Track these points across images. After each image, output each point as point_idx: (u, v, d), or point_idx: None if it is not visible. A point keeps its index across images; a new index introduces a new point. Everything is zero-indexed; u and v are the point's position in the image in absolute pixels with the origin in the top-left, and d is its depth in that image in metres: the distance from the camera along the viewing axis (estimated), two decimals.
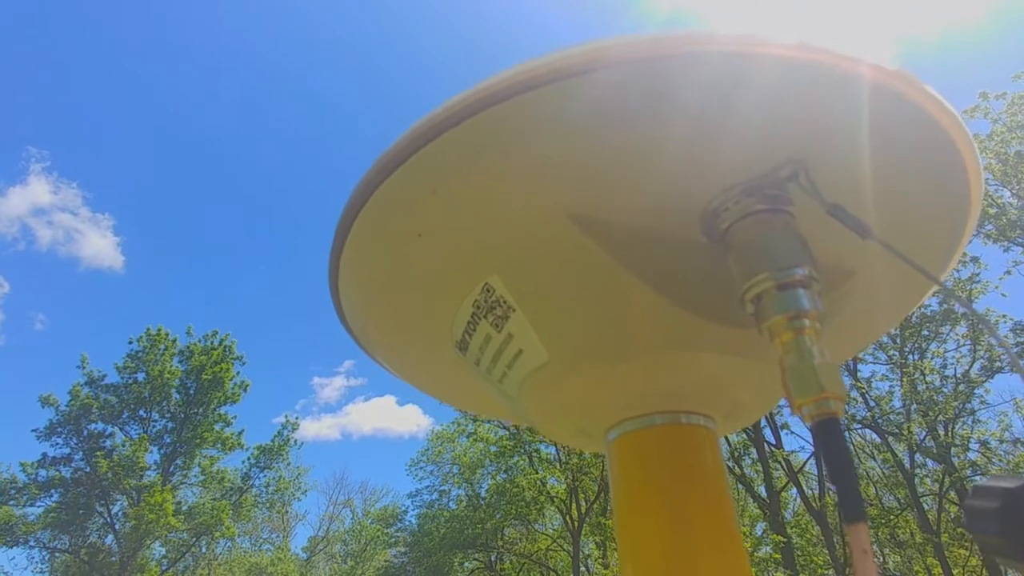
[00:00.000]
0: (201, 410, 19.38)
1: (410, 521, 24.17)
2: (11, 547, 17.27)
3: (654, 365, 0.60)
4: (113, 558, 17.58)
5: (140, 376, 19.22)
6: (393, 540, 25.48)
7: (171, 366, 19.44)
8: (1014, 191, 12.32)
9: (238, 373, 20.08)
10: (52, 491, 17.77)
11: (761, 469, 15.00)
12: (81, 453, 18.16)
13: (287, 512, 26.65)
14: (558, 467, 17.50)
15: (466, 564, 21.33)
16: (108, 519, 17.96)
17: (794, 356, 0.47)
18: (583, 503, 17.26)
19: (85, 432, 18.41)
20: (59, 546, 18.11)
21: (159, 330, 19.72)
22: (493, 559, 20.53)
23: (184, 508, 18.72)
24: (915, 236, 0.62)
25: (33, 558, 18.11)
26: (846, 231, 0.55)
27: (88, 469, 17.80)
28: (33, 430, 18.20)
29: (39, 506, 17.72)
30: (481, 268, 0.62)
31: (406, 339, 0.75)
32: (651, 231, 0.56)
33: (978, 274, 13.05)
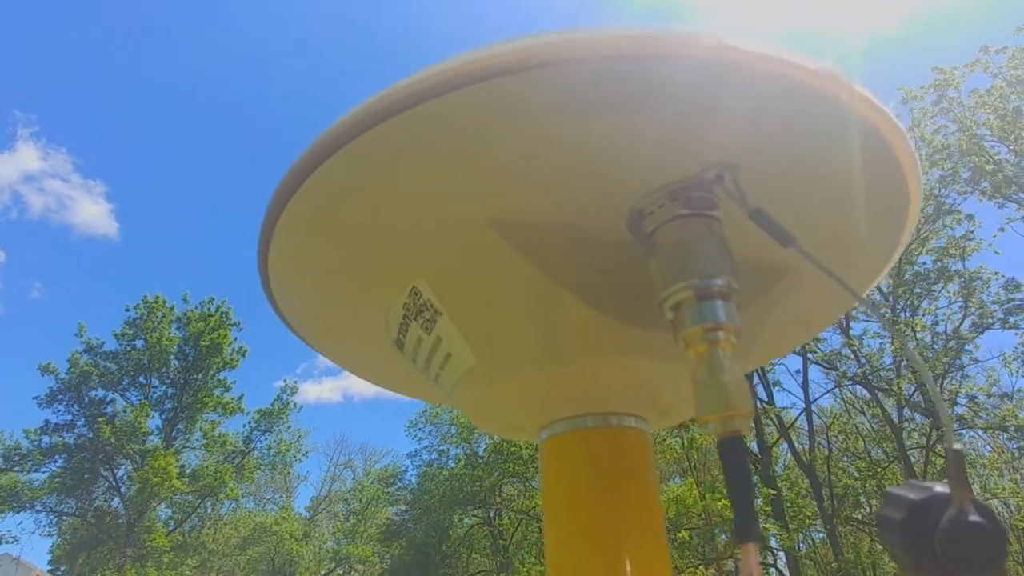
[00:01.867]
0: (200, 376, 19.55)
1: (410, 480, 24.73)
2: (18, 512, 17.70)
3: (583, 370, 0.60)
4: (120, 520, 17.99)
5: (139, 343, 19.33)
6: (394, 499, 26.09)
7: (169, 333, 19.51)
8: (1011, 147, 12.23)
9: (236, 339, 20.19)
10: (56, 457, 18.07)
11: (753, 425, 15.30)
12: (83, 419, 18.40)
13: (289, 473, 27.16)
14: None
15: (465, 520, 21.91)
16: (113, 483, 18.32)
17: (705, 370, 0.46)
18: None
19: (86, 399, 18.61)
20: (66, 510, 18.53)
21: (156, 297, 19.72)
22: (492, 515, 21.08)
23: (188, 471, 19.05)
24: (851, 238, 0.61)
25: (40, 522, 18.59)
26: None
27: (91, 435, 18.05)
28: (34, 397, 18.43)
29: (44, 472, 18.08)
30: (407, 272, 0.61)
31: (340, 332, 0.74)
32: (577, 235, 0.55)
33: (972, 231, 13.05)
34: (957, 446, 0.41)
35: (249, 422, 20.61)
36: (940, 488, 0.40)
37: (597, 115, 0.46)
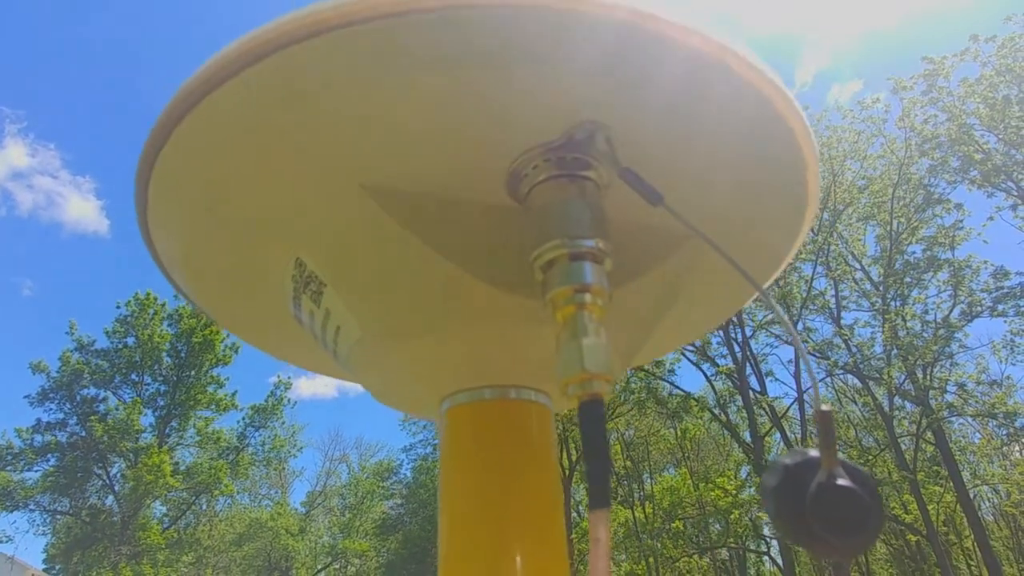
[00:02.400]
0: (193, 372, 19.48)
1: (405, 474, 24.79)
2: (11, 511, 17.62)
3: (474, 341, 0.59)
4: (114, 518, 17.94)
5: (130, 340, 19.21)
6: (389, 493, 26.15)
7: (161, 330, 19.41)
8: (1000, 136, 12.29)
9: (228, 335, 20.08)
10: (49, 455, 17.97)
11: (747, 415, 15.40)
12: (75, 417, 18.30)
13: (284, 469, 27.15)
14: None
15: None
16: (107, 481, 18.25)
17: (567, 332, 0.44)
18: (573, 452, 17.69)
19: (78, 397, 18.50)
20: (59, 508, 18.45)
21: (148, 294, 19.59)
22: None
23: (182, 468, 19.02)
24: (749, 217, 0.60)
25: (34, 521, 18.49)
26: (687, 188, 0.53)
27: (83, 433, 17.97)
28: (26, 396, 18.29)
29: (37, 470, 17.99)
30: (288, 242, 0.59)
31: (241, 308, 0.72)
32: (456, 200, 0.53)
33: (962, 221, 13.13)
34: (825, 407, 0.39)
35: (243, 418, 20.59)
36: (815, 453, 0.39)
37: (463, 71, 0.44)
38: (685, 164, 0.54)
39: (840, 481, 0.37)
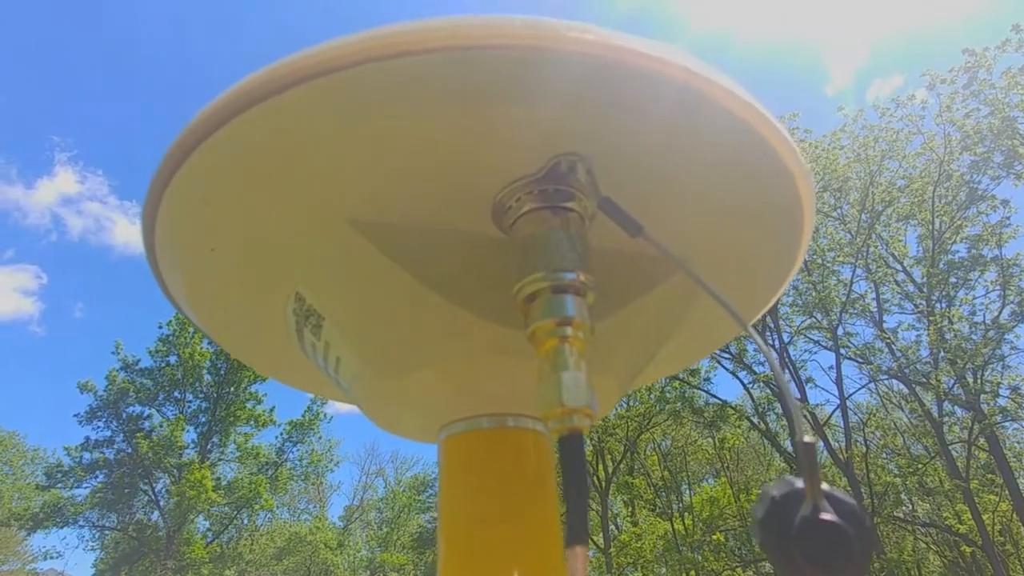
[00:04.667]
0: (233, 389, 19.90)
1: None
2: (61, 528, 18.19)
3: (471, 371, 0.59)
4: (160, 533, 18.37)
5: (172, 359, 19.75)
6: (426, 506, 26.19)
7: (201, 348, 19.89)
8: None
9: None
10: (97, 472, 18.54)
11: (787, 423, 14.99)
12: (122, 435, 18.85)
13: (322, 483, 27.47)
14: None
15: None
16: (152, 496, 18.72)
17: (548, 366, 0.44)
18: (609, 464, 17.48)
19: (124, 415, 19.06)
20: (107, 524, 19.00)
21: None
22: None
23: (223, 483, 19.41)
24: (741, 242, 0.60)
25: (83, 537, 19.11)
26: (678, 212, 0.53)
27: (130, 450, 18.49)
28: (74, 415, 18.90)
29: (85, 487, 18.55)
30: (287, 277, 0.60)
31: (252, 340, 0.74)
32: (444, 228, 0.53)
33: (1008, 217, 12.63)
34: (807, 438, 0.38)
35: (281, 434, 20.92)
36: (801, 484, 0.38)
37: (440, 110, 0.45)
38: (671, 192, 0.54)
39: (824, 515, 0.36)
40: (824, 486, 0.37)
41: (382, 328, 0.59)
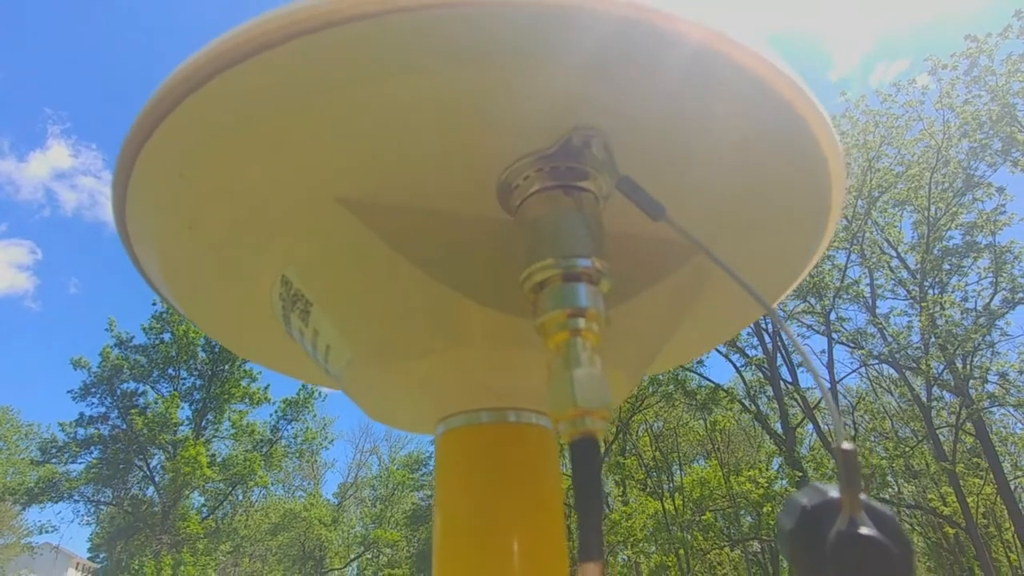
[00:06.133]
0: (227, 367, 19.89)
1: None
2: (56, 502, 18.30)
3: (469, 362, 0.54)
4: (155, 508, 18.49)
5: (166, 336, 19.69)
6: (419, 484, 26.44)
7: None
8: None
9: None
10: (92, 448, 18.58)
11: (777, 406, 15.16)
12: (116, 411, 18.86)
13: (316, 461, 27.64)
14: None
15: None
16: (147, 472, 18.80)
17: (559, 362, 0.40)
18: (601, 443, 17.64)
19: (118, 391, 19.06)
20: (103, 499, 19.10)
21: None
22: None
23: (218, 460, 19.49)
24: (769, 219, 0.56)
25: (79, 512, 19.20)
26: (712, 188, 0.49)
27: (124, 426, 18.52)
28: (68, 391, 18.89)
29: (80, 463, 18.62)
30: (271, 259, 0.56)
31: (228, 322, 0.70)
32: (444, 210, 0.49)
33: (1003, 205, 12.66)
34: (847, 445, 0.34)
35: (276, 411, 20.99)
36: (835, 494, 0.35)
37: (442, 74, 0.40)
38: (694, 168, 0.49)
39: (863, 530, 0.33)
40: (862, 497, 0.34)
41: (375, 315, 0.55)
